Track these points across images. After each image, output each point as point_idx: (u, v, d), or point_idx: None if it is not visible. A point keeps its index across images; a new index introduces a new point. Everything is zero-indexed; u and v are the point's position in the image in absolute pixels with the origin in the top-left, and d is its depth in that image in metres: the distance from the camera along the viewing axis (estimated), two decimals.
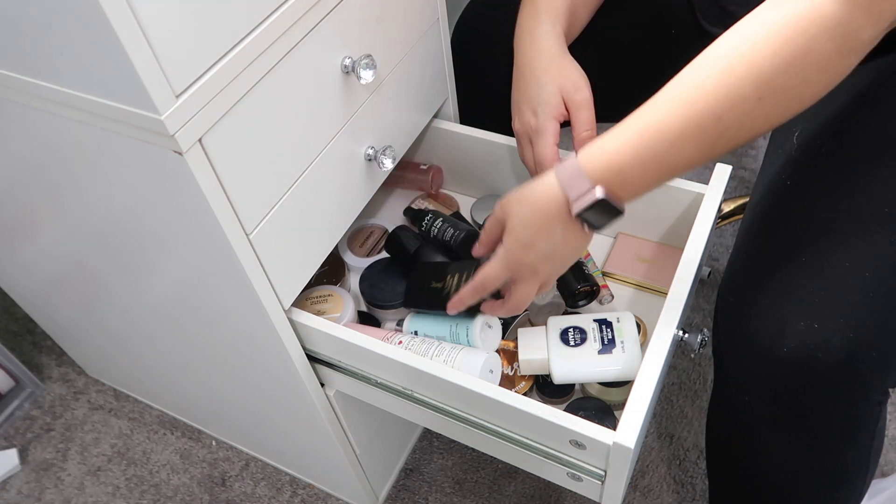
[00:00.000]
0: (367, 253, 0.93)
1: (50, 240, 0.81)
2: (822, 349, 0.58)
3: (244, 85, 0.55)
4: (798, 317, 0.59)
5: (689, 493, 1.06)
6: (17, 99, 0.57)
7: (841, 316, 0.58)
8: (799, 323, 0.59)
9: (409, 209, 0.95)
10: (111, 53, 0.45)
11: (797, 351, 0.59)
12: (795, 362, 0.59)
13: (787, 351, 0.60)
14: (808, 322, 0.59)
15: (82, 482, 1.16)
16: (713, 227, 0.74)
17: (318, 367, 0.78)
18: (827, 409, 0.62)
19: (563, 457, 0.65)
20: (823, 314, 0.59)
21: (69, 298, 0.97)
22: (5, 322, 1.38)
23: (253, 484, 1.13)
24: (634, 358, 0.69)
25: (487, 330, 0.75)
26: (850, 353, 0.58)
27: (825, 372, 0.59)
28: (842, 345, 0.58)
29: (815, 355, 0.58)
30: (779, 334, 0.60)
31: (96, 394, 1.27)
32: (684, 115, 0.53)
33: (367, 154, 0.73)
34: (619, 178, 0.57)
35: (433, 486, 1.10)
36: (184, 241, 0.64)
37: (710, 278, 1.30)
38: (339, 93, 0.66)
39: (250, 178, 0.59)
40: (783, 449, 0.67)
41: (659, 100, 0.55)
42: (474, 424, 0.69)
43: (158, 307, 0.82)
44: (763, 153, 1.55)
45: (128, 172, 0.59)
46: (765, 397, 0.64)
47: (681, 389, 1.17)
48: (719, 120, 0.52)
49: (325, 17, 0.61)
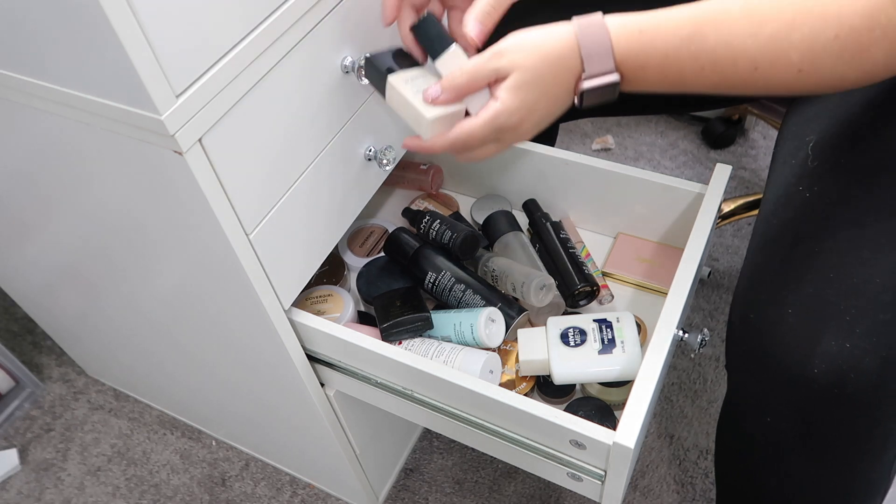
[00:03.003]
0: (367, 253, 0.93)
1: (49, 240, 0.81)
2: (854, 370, 0.56)
3: (244, 85, 0.55)
4: (829, 336, 0.57)
5: (689, 493, 1.06)
6: (17, 99, 0.57)
7: (874, 335, 0.56)
8: (830, 343, 0.57)
9: (408, 210, 0.95)
10: (111, 53, 0.45)
11: (828, 372, 0.57)
12: (826, 383, 0.57)
13: (818, 372, 0.57)
14: (839, 342, 0.56)
15: (82, 482, 1.16)
16: (713, 227, 0.74)
17: (318, 367, 0.78)
18: (855, 429, 0.60)
19: (563, 457, 0.66)
20: (855, 334, 0.56)
21: (69, 298, 0.97)
22: (5, 322, 1.38)
23: (253, 484, 1.13)
24: (634, 358, 0.69)
25: (491, 325, 0.75)
26: (883, 373, 0.56)
27: (857, 393, 0.57)
28: (874, 365, 0.56)
29: (847, 376, 0.56)
30: (808, 354, 0.58)
31: (96, 394, 1.27)
32: (728, 46, 0.51)
33: (366, 154, 0.73)
34: (637, 73, 0.54)
35: (433, 486, 1.10)
36: (184, 241, 0.64)
37: (710, 278, 1.31)
38: (339, 93, 0.66)
39: (250, 178, 0.59)
40: (805, 468, 0.66)
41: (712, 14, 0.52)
42: (474, 424, 0.69)
43: (158, 307, 0.82)
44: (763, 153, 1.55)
45: (128, 172, 0.59)
46: (790, 418, 0.62)
47: (681, 389, 1.17)
48: (755, 69, 0.51)
49: (325, 16, 0.61)
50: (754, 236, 0.68)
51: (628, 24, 0.54)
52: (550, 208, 0.92)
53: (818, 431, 0.62)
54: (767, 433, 0.66)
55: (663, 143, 1.56)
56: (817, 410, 0.60)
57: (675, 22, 0.53)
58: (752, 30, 0.51)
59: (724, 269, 1.32)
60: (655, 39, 0.53)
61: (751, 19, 0.51)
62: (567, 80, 0.55)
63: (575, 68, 0.55)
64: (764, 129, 1.55)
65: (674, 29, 0.53)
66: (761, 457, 0.70)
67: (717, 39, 0.52)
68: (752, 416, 0.67)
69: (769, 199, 0.69)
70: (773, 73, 0.51)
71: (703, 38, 0.52)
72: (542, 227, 0.88)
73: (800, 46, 0.50)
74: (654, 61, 0.53)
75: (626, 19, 0.54)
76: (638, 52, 0.54)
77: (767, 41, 0.50)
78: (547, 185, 0.90)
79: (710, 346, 1.21)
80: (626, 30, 0.54)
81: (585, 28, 0.54)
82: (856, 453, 0.63)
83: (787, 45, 0.50)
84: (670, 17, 0.53)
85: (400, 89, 0.59)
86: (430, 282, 0.81)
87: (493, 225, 0.89)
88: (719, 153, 1.52)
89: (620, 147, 1.57)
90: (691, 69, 0.53)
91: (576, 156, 0.84)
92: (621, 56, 0.54)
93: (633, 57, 0.54)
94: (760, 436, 0.67)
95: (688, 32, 0.52)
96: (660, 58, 0.53)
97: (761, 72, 0.51)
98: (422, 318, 0.75)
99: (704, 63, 0.52)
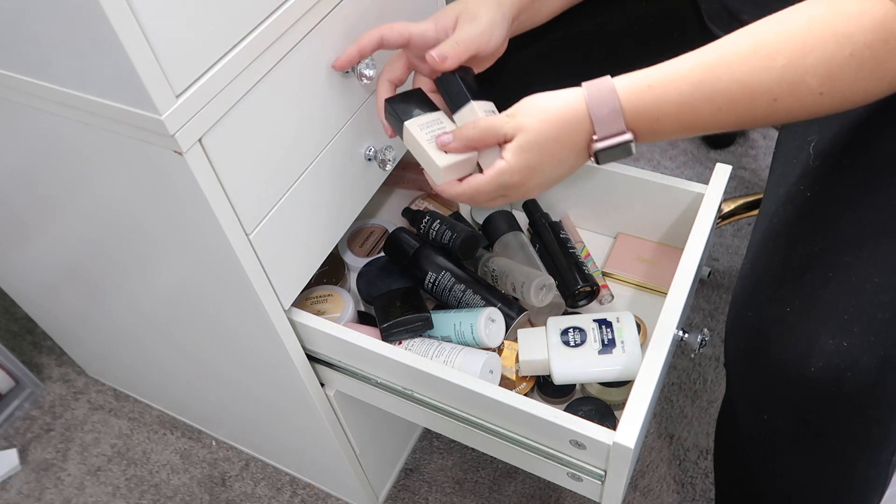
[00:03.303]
0: (367, 253, 0.93)
1: (49, 240, 0.81)
2: (851, 368, 0.56)
3: (244, 85, 0.55)
4: (826, 335, 0.57)
5: (689, 493, 1.06)
6: (17, 99, 0.57)
7: (871, 334, 0.56)
8: (828, 341, 0.57)
9: (408, 210, 0.95)
10: (111, 53, 0.45)
11: (825, 370, 0.57)
12: (823, 382, 0.58)
13: (815, 370, 0.57)
14: (836, 340, 0.57)
15: (82, 482, 1.16)
16: (713, 227, 0.74)
17: (318, 367, 0.78)
18: (852, 427, 0.61)
19: (563, 457, 0.66)
20: (853, 332, 0.57)
21: (69, 298, 0.97)
22: (5, 322, 1.38)
23: (253, 484, 1.13)
24: (634, 358, 0.69)
25: (491, 325, 0.75)
26: (881, 372, 0.56)
27: (854, 392, 0.57)
28: (872, 364, 0.56)
29: (844, 375, 0.57)
30: (806, 353, 0.58)
31: (96, 394, 1.27)
32: (743, 84, 0.51)
33: (366, 154, 0.73)
34: (653, 126, 0.55)
35: (433, 486, 1.10)
36: (184, 241, 0.64)
37: (710, 278, 1.31)
38: (339, 93, 0.66)
39: (250, 178, 0.59)
40: (803, 467, 0.66)
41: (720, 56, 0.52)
42: (474, 424, 0.69)
43: (158, 307, 0.82)
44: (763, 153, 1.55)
45: (128, 172, 0.59)
46: (787, 416, 0.63)
47: (681, 389, 1.17)
48: (774, 101, 0.51)
49: (325, 16, 0.61)
50: (754, 235, 0.69)
51: (636, 81, 0.54)
52: (550, 208, 0.92)
53: (815, 430, 0.62)
54: (764, 431, 0.66)
55: (663, 142, 1.56)
56: (814, 409, 0.60)
57: (684, 70, 0.53)
58: (765, 63, 0.51)
59: (724, 269, 1.32)
60: (667, 91, 0.53)
61: (761, 54, 0.51)
62: (576, 142, 0.56)
63: (587, 131, 0.55)
64: (764, 129, 1.55)
65: (684, 77, 0.53)
66: (758, 455, 0.70)
67: (730, 79, 0.52)
68: (750, 414, 0.67)
69: (770, 198, 0.70)
70: (795, 101, 0.51)
71: (715, 81, 0.52)
72: (542, 227, 0.88)
73: (816, 71, 0.50)
74: (669, 112, 0.54)
75: (634, 77, 0.54)
76: (650, 107, 0.54)
77: (783, 72, 0.50)
78: None
79: (710, 346, 1.21)
80: (635, 88, 0.54)
81: (594, 91, 0.55)
82: (853, 452, 0.63)
83: (803, 72, 0.50)
84: (678, 66, 0.54)
85: (416, 135, 0.61)
86: (430, 282, 0.81)
87: (492, 225, 0.89)
88: (719, 153, 1.52)
89: None
90: (708, 112, 0.53)
91: None
92: (633, 114, 0.54)
93: (646, 113, 0.54)
94: (758, 434, 0.68)
95: (698, 78, 0.52)
96: (674, 108, 0.53)
97: (782, 102, 0.51)
98: (422, 318, 0.75)
99: (721, 104, 0.52)
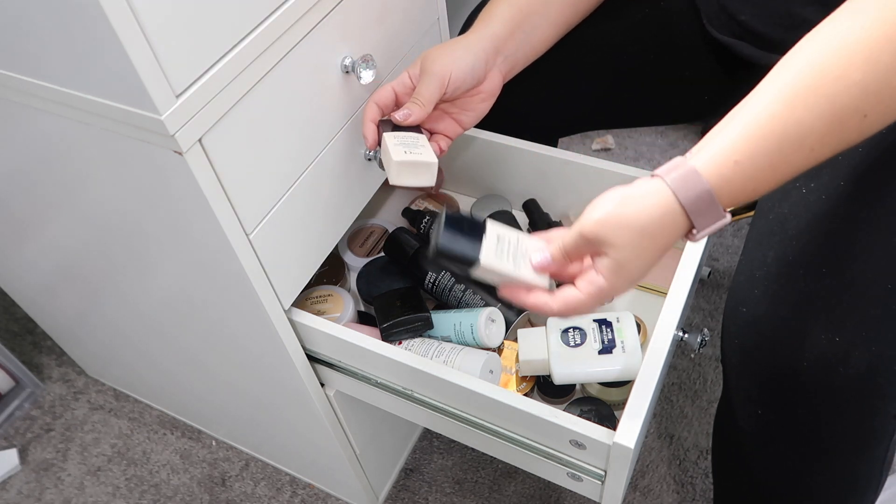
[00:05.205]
0: (367, 253, 0.93)
1: (49, 240, 0.81)
2: (842, 363, 0.57)
3: (244, 85, 0.55)
4: (818, 329, 0.58)
5: (689, 493, 1.06)
6: (16, 99, 0.57)
7: (863, 329, 0.57)
8: (819, 336, 0.57)
9: (408, 210, 0.95)
10: (111, 53, 0.45)
11: (816, 364, 0.58)
12: (814, 376, 0.58)
13: (807, 364, 0.58)
14: (828, 335, 0.57)
15: (82, 482, 1.16)
16: None
17: (318, 367, 0.78)
18: (844, 422, 0.61)
19: (563, 457, 0.65)
20: (844, 327, 0.57)
21: (69, 298, 0.97)
22: (5, 322, 1.38)
23: (253, 484, 1.13)
24: (634, 358, 0.69)
25: (491, 325, 0.75)
26: (871, 367, 0.57)
27: (845, 386, 0.57)
28: (863, 359, 0.56)
29: (835, 369, 0.57)
30: (797, 347, 0.58)
31: (96, 394, 1.27)
32: (827, 115, 0.46)
33: (366, 154, 0.73)
34: (751, 196, 0.50)
35: (433, 486, 1.10)
36: (184, 241, 0.64)
37: (710, 278, 1.30)
38: (339, 93, 0.66)
39: (250, 178, 0.59)
40: (797, 461, 0.66)
41: (784, 97, 0.48)
42: (474, 424, 0.69)
43: (158, 307, 0.82)
44: None
45: (128, 172, 0.59)
46: (780, 411, 0.63)
47: (681, 389, 1.17)
48: (864, 118, 0.46)
49: (325, 16, 0.61)
50: (750, 231, 0.69)
51: (719, 160, 0.49)
52: (550, 208, 0.92)
53: (808, 425, 0.63)
54: (759, 426, 0.67)
55: (663, 143, 1.56)
56: (807, 403, 0.61)
57: (762, 126, 0.48)
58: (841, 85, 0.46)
59: (724, 269, 1.32)
60: (756, 162, 0.48)
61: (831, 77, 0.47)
62: (675, 238, 0.52)
63: (685, 227, 0.51)
64: None
65: (767, 133, 0.48)
66: (754, 449, 0.70)
67: (810, 115, 0.47)
68: (745, 409, 0.68)
69: (766, 196, 0.70)
70: (884, 108, 0.47)
71: (797, 124, 0.47)
72: (542, 227, 0.88)
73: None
74: (763, 179, 0.49)
75: (716, 157, 0.49)
76: (745, 182, 0.49)
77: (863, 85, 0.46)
78: (547, 185, 0.90)
79: (710, 346, 1.21)
80: (722, 169, 0.49)
81: (681, 185, 0.49)
82: (846, 446, 0.64)
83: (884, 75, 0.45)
84: (752, 124, 0.48)
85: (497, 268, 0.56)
86: (430, 282, 0.81)
87: None
88: None
89: (620, 147, 1.57)
90: (801, 158, 0.48)
91: (576, 156, 0.84)
92: (729, 198, 0.50)
93: (740, 190, 0.49)
94: (752, 428, 0.68)
95: (781, 128, 0.48)
96: (767, 173, 0.49)
97: (872, 115, 0.47)
98: (422, 318, 0.75)
99: (812, 144, 0.48)
